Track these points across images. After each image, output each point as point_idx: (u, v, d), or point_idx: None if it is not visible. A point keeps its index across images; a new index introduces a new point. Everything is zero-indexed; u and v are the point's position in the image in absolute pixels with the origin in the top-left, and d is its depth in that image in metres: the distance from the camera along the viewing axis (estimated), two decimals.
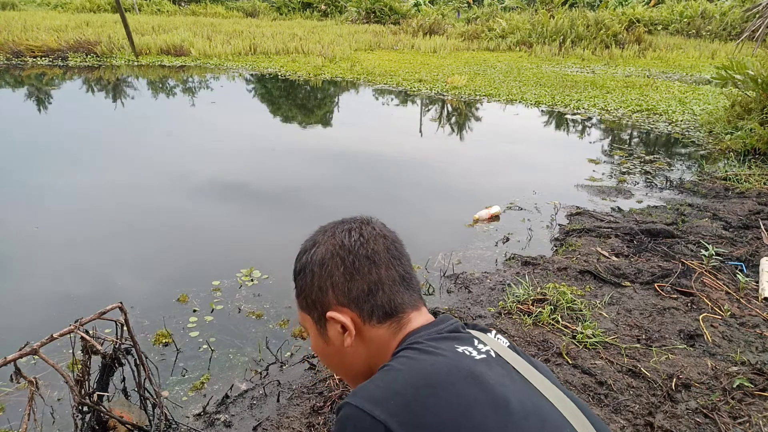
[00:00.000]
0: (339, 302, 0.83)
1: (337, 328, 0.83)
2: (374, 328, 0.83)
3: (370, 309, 0.82)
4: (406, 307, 0.84)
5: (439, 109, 8.86)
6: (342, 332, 0.83)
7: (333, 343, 0.85)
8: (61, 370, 1.51)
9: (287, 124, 7.90)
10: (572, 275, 3.15)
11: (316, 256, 0.85)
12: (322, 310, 0.84)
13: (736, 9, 17.89)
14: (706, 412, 2.04)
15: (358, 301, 0.82)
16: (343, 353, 0.85)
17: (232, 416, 2.11)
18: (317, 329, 0.88)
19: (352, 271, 0.82)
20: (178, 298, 2.93)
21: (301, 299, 0.88)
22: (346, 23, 22.41)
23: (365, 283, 0.82)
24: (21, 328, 2.68)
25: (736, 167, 5.31)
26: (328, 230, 0.88)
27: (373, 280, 0.82)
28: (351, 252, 0.83)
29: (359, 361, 0.86)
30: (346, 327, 0.82)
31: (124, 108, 8.15)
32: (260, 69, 11.61)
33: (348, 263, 0.82)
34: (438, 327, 0.82)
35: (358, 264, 0.82)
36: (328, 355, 0.89)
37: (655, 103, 8.56)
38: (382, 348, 0.83)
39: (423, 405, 0.67)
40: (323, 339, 0.87)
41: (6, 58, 11.56)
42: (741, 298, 2.88)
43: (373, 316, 0.82)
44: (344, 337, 0.83)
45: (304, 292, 0.87)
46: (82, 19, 17.60)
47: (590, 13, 17.59)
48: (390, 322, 0.83)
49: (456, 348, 0.76)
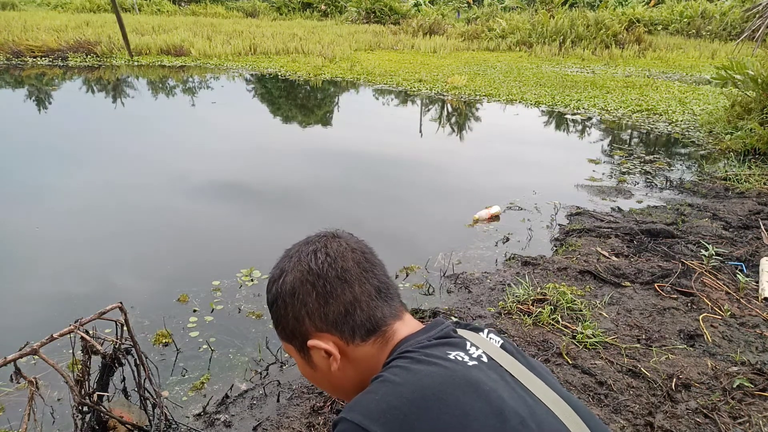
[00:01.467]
0: (318, 329, 0.80)
1: (320, 354, 0.81)
2: (359, 347, 0.81)
3: (351, 330, 0.80)
4: (387, 319, 0.82)
5: (439, 109, 8.86)
6: (327, 357, 0.81)
7: (320, 369, 0.83)
8: (61, 370, 1.51)
9: (287, 124, 7.90)
10: (572, 275, 3.15)
11: (285, 286, 0.82)
12: (303, 339, 0.82)
13: (736, 9, 17.88)
14: (706, 412, 2.04)
15: (337, 324, 0.80)
16: (332, 377, 0.83)
17: (232, 416, 2.11)
18: (301, 357, 0.85)
19: (325, 296, 0.79)
20: (178, 298, 2.93)
21: (279, 330, 0.86)
22: (346, 23, 22.41)
23: (341, 305, 0.79)
24: (21, 328, 2.68)
25: (736, 167, 5.31)
26: (293, 255, 0.85)
27: (348, 300, 0.80)
28: (320, 276, 0.80)
29: (350, 382, 0.84)
30: (330, 352, 0.80)
31: (124, 108, 8.15)
32: (260, 69, 11.61)
33: (319, 288, 0.80)
34: (428, 333, 0.81)
35: (330, 287, 0.80)
36: (318, 380, 0.87)
37: (655, 103, 8.56)
38: (372, 364, 0.81)
39: (419, 418, 0.66)
40: (309, 366, 0.85)
41: (6, 58, 11.56)
42: (741, 298, 2.88)
43: (355, 336, 0.80)
44: (330, 362, 0.81)
45: (281, 323, 0.84)
46: (82, 19, 17.60)
47: (590, 13, 17.59)
48: (374, 339, 0.81)
49: (448, 354, 0.75)
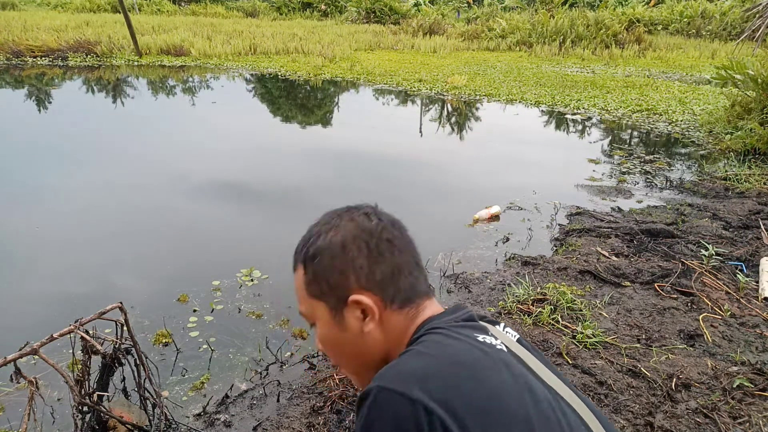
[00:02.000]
0: (361, 286, 0.80)
1: (356, 313, 0.81)
2: (394, 313, 0.81)
3: (393, 293, 0.81)
4: (422, 293, 0.84)
5: (439, 109, 8.86)
6: (362, 318, 0.81)
7: (350, 329, 0.82)
8: (61, 370, 1.51)
9: (287, 124, 7.90)
10: (572, 275, 3.15)
11: (335, 239, 0.81)
12: (342, 295, 0.81)
13: (736, 9, 17.88)
14: (706, 412, 2.04)
15: (382, 285, 0.80)
16: (360, 340, 0.82)
17: (232, 416, 2.11)
18: (331, 316, 0.83)
19: (376, 255, 0.80)
20: (178, 298, 2.93)
21: (314, 285, 0.83)
22: (346, 23, 22.41)
23: (388, 266, 0.81)
24: (21, 328, 2.68)
25: (736, 167, 5.31)
26: (343, 215, 0.85)
27: (396, 263, 0.81)
28: (373, 235, 0.81)
29: (375, 349, 0.83)
30: (370, 311, 0.80)
31: (124, 108, 8.15)
32: (260, 69, 11.61)
33: (372, 246, 0.81)
34: (454, 315, 0.82)
35: (382, 248, 0.81)
36: (342, 344, 0.85)
37: (655, 103, 8.56)
38: (400, 334, 0.82)
39: (458, 387, 0.66)
40: (338, 327, 0.83)
41: (6, 58, 11.56)
42: (741, 298, 2.88)
43: (395, 300, 0.81)
44: (365, 323, 0.81)
45: (321, 276, 0.82)
46: (82, 19, 17.60)
47: (590, 13, 17.59)
48: (408, 308, 0.82)
49: (476, 336, 0.76)
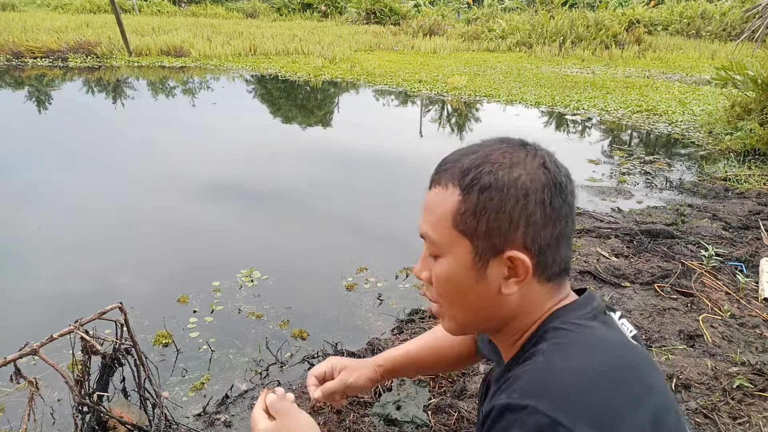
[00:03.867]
0: (525, 243, 0.68)
1: (503, 269, 0.70)
2: (539, 284, 0.71)
3: (550, 262, 0.70)
4: (568, 271, 0.74)
5: (439, 110, 8.87)
6: (506, 277, 0.70)
7: (488, 283, 0.71)
8: (61, 370, 1.51)
9: (287, 124, 7.90)
10: (572, 275, 3.15)
11: (519, 180, 0.67)
12: (500, 245, 0.68)
13: (735, 9, 17.88)
14: (706, 412, 2.03)
15: (544, 250, 0.69)
16: (492, 298, 0.71)
17: (232, 416, 2.11)
18: (472, 261, 0.70)
19: (555, 217, 0.69)
20: (178, 299, 2.93)
21: (470, 219, 0.69)
22: (346, 24, 22.41)
23: (558, 233, 0.70)
24: (21, 328, 2.68)
25: (736, 168, 5.31)
26: (530, 152, 0.71)
27: (565, 232, 0.71)
28: (562, 193, 0.69)
29: (502, 312, 0.73)
30: (523, 273, 0.69)
31: (124, 108, 8.16)
32: (260, 70, 11.61)
33: (556, 205, 0.68)
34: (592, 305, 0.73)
35: (564, 210, 0.69)
36: (467, 293, 0.72)
37: (654, 104, 8.56)
38: (535, 307, 0.72)
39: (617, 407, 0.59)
40: (475, 274, 0.71)
41: (6, 59, 11.56)
42: (741, 299, 2.88)
43: (546, 271, 0.71)
44: (507, 283, 0.70)
45: (483, 214, 0.68)
46: (82, 20, 17.61)
47: (590, 14, 17.60)
48: (554, 283, 0.72)
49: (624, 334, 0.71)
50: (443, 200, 0.72)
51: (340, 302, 2.98)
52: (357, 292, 3.08)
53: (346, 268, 3.32)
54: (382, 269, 3.32)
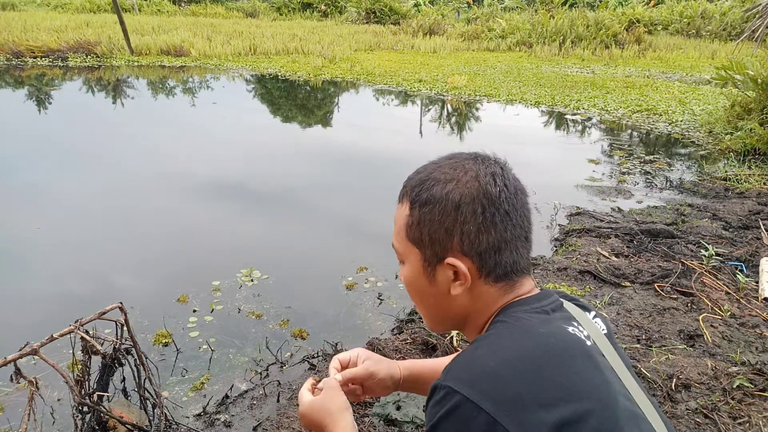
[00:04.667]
0: (462, 250, 0.76)
1: (448, 273, 0.77)
2: (486, 285, 0.78)
3: (492, 266, 0.76)
4: (520, 271, 0.79)
5: (439, 110, 8.86)
6: (453, 280, 0.78)
7: (438, 285, 0.79)
8: (61, 370, 1.51)
9: (287, 124, 7.90)
10: (572, 275, 3.15)
11: (453, 194, 0.76)
12: (441, 252, 0.77)
13: (736, 9, 17.88)
14: (706, 412, 2.04)
15: (484, 255, 0.76)
16: (444, 298, 0.80)
17: (232, 416, 2.11)
18: (423, 266, 0.80)
19: (488, 224, 0.75)
20: (178, 299, 2.93)
21: (415, 231, 0.79)
22: (346, 23, 22.41)
23: (497, 238, 0.75)
24: (21, 328, 2.68)
25: (736, 167, 5.31)
26: (469, 168, 0.78)
27: (505, 237, 0.76)
28: (493, 203, 0.75)
29: (457, 310, 0.81)
30: (463, 277, 0.76)
31: (124, 108, 8.16)
32: (260, 69, 11.61)
33: (488, 215, 0.75)
34: (542, 302, 0.78)
35: (497, 219, 0.75)
36: (424, 295, 0.83)
37: (654, 104, 8.56)
38: (487, 305, 0.79)
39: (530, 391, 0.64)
40: (427, 278, 0.80)
41: (6, 58, 11.56)
42: (741, 298, 2.88)
43: (491, 273, 0.77)
44: (454, 285, 0.78)
45: (425, 226, 0.77)
46: (82, 19, 17.60)
47: (590, 14, 17.59)
48: (503, 284, 0.78)
49: (566, 327, 0.74)
50: (400, 214, 0.83)
51: (340, 302, 2.98)
52: (357, 292, 3.08)
53: (346, 268, 3.32)
54: (382, 269, 3.32)
